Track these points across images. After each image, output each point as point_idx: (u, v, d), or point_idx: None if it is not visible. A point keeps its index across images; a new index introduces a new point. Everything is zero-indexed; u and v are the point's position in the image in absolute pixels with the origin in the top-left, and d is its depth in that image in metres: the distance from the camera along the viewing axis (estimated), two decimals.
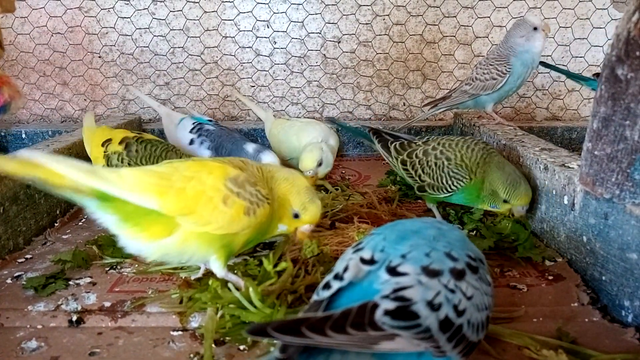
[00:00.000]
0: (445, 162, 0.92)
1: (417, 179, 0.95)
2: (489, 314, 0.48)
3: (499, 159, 0.91)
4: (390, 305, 0.42)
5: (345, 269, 0.47)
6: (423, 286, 0.44)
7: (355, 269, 0.47)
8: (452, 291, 0.45)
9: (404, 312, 0.42)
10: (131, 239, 0.66)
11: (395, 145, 0.99)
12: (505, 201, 0.87)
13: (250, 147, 1.16)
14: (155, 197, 0.63)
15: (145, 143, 0.99)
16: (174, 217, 0.65)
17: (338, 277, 0.47)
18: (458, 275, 0.46)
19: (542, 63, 1.31)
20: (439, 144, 0.95)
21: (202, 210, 0.65)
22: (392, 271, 0.45)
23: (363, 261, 0.48)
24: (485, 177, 0.89)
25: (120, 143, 0.99)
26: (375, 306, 0.42)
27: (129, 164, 0.95)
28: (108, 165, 0.97)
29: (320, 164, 1.12)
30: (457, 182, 0.90)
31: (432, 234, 0.50)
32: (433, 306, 0.43)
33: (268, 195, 0.70)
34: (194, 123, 1.25)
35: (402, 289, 0.44)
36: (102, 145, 1.00)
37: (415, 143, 0.98)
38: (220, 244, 0.67)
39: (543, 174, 0.90)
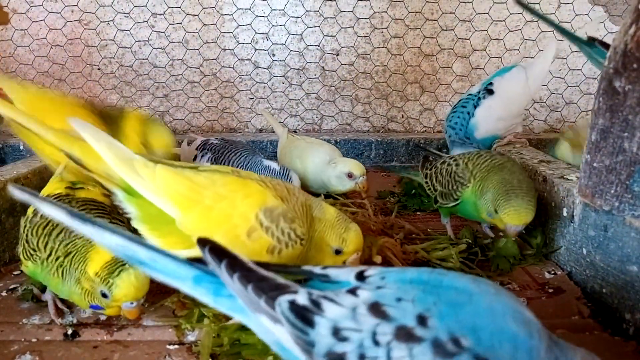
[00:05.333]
0: (454, 168, 0.88)
1: (432, 189, 0.93)
2: None
3: (511, 168, 0.81)
4: (302, 300, 0.41)
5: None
6: (351, 314, 0.39)
7: (342, 271, 0.46)
8: (377, 343, 0.37)
9: (302, 313, 0.40)
10: (148, 238, 0.62)
11: (427, 164, 0.98)
12: (496, 211, 0.77)
13: (274, 164, 1.03)
14: (178, 211, 0.59)
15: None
16: (192, 233, 0.60)
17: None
18: (404, 336, 0.37)
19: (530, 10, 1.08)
20: (460, 154, 0.92)
21: (222, 237, 0.59)
22: (352, 291, 0.42)
23: (358, 275, 0.45)
24: (484, 181, 0.81)
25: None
26: (293, 292, 0.41)
27: (27, 242, 0.67)
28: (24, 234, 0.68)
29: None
30: (460, 186, 0.85)
31: (447, 295, 0.40)
32: (337, 334, 0.39)
33: (304, 235, 0.63)
34: (202, 141, 1.18)
35: (328, 299, 0.41)
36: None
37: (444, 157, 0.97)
38: None
39: (542, 186, 0.90)
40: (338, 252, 0.66)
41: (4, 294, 0.74)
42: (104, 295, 0.60)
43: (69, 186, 0.73)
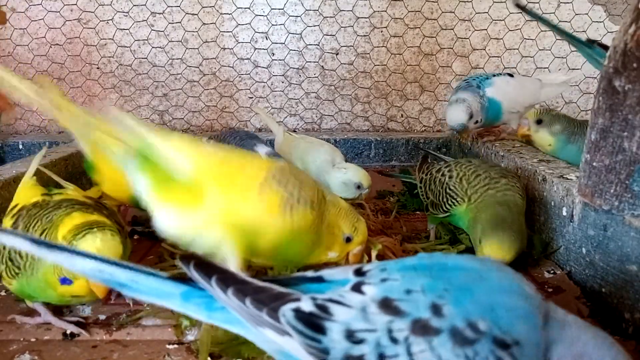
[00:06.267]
0: (447, 180, 0.85)
1: (424, 196, 0.91)
2: None
3: (512, 207, 0.77)
4: (307, 307, 0.40)
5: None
6: (361, 315, 0.39)
7: (338, 271, 0.45)
8: (394, 341, 0.37)
9: (310, 321, 0.39)
10: (159, 208, 0.62)
11: (424, 167, 0.96)
12: (480, 241, 0.74)
13: (262, 149, 1.02)
14: (194, 162, 0.62)
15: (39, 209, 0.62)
16: (204, 184, 0.61)
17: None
18: (421, 329, 0.37)
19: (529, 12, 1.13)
20: (456, 163, 0.89)
21: (236, 192, 0.62)
22: (357, 287, 0.41)
23: (356, 272, 0.44)
24: (478, 208, 0.79)
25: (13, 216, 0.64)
26: (295, 300, 0.40)
27: (10, 260, 0.62)
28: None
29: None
30: (452, 201, 0.83)
31: (456, 277, 0.39)
32: (352, 337, 0.38)
33: (314, 201, 0.64)
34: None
35: (334, 302, 0.40)
36: None
37: (441, 162, 0.94)
38: (243, 239, 0.62)
39: (541, 185, 0.90)
40: (348, 239, 0.69)
41: (2, 293, 0.74)
42: None
43: (45, 192, 0.67)
